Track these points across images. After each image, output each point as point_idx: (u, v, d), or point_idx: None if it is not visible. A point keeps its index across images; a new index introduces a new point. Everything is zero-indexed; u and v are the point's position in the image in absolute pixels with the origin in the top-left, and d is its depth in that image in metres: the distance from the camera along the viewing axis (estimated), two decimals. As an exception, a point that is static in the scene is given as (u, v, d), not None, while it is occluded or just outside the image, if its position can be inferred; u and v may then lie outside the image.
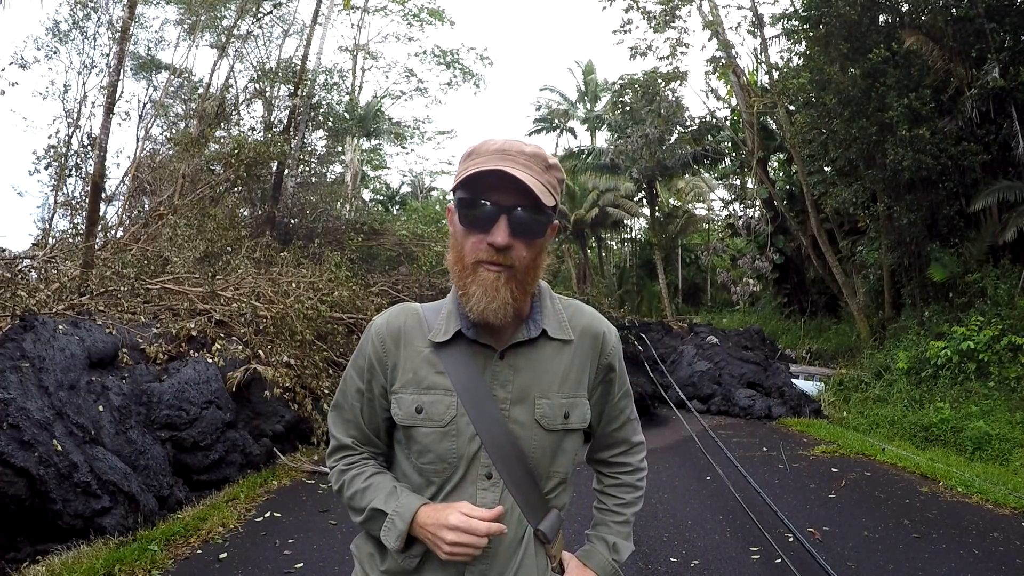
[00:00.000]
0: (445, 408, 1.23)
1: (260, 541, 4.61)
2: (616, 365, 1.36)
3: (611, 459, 1.45)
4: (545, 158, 1.21)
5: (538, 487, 1.26)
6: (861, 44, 12.07)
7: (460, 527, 1.14)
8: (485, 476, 1.22)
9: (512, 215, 1.16)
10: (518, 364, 1.25)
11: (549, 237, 1.26)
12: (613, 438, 1.43)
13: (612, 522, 1.43)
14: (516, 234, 1.17)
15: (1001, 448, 7.66)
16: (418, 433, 1.24)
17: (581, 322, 1.33)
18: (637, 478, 1.46)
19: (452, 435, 1.22)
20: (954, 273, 11.58)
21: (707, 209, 30.02)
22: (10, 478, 4.08)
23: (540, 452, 1.24)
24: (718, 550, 4.43)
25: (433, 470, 1.24)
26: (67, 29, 15.90)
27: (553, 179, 1.22)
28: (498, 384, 1.23)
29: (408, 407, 1.25)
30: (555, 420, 1.25)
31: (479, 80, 22.45)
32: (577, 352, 1.30)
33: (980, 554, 4.29)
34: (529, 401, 1.24)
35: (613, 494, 1.45)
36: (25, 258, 7.85)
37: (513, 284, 1.18)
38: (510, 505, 1.23)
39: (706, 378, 10.89)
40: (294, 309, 7.38)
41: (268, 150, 12.07)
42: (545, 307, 1.30)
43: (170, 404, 5.50)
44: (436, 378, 1.24)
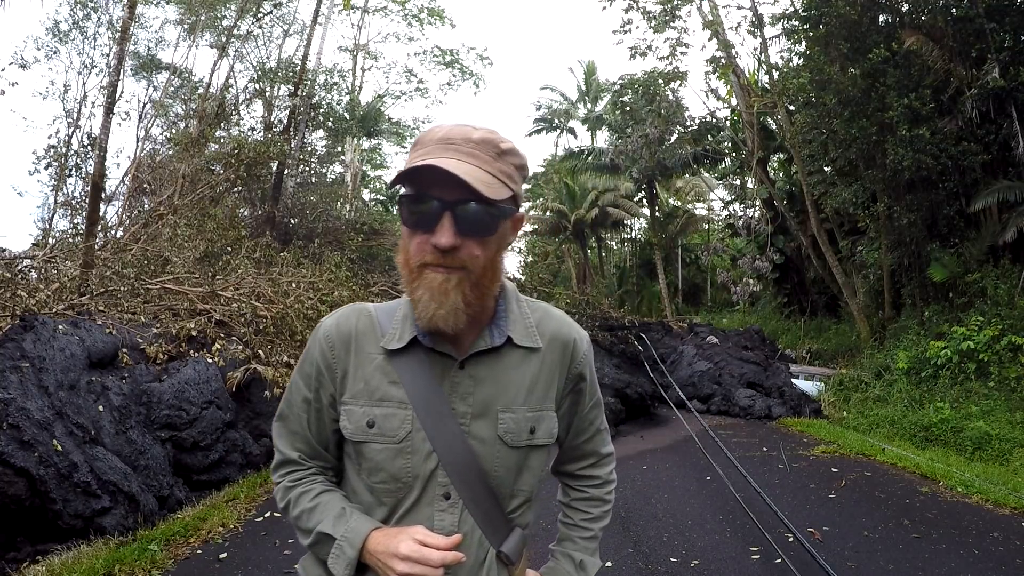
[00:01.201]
0: (399, 423, 1.11)
1: (260, 541, 4.61)
2: (587, 374, 1.25)
3: (579, 472, 1.35)
4: (496, 143, 1.07)
5: (500, 507, 1.15)
6: (861, 44, 12.07)
7: (412, 557, 1.02)
8: (443, 496, 1.11)
9: (457, 211, 1.02)
10: (480, 375, 1.13)
11: (509, 233, 1.13)
12: (582, 450, 1.33)
13: (579, 538, 1.32)
14: (463, 232, 1.03)
15: (1001, 448, 7.66)
16: (369, 449, 1.12)
17: (550, 328, 1.20)
18: (606, 491, 1.35)
19: (407, 452, 1.10)
20: (954, 273, 11.58)
21: (707, 209, 30.06)
22: (10, 478, 4.08)
23: (503, 470, 1.14)
24: (718, 550, 4.43)
25: (386, 489, 1.12)
26: (67, 29, 15.92)
27: (508, 167, 1.08)
28: (457, 397, 1.12)
29: (359, 421, 1.12)
30: (520, 436, 1.14)
31: (479, 80, 22.48)
32: (545, 361, 1.18)
33: (980, 554, 4.29)
34: (492, 415, 1.12)
35: (580, 508, 1.34)
36: (25, 258, 7.85)
37: (466, 287, 1.05)
38: (470, 527, 1.12)
39: (706, 378, 10.89)
40: (294, 309, 7.38)
41: (268, 150, 12.09)
42: (511, 312, 1.17)
43: (170, 404, 5.50)
44: (390, 389, 1.12)
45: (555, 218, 27.19)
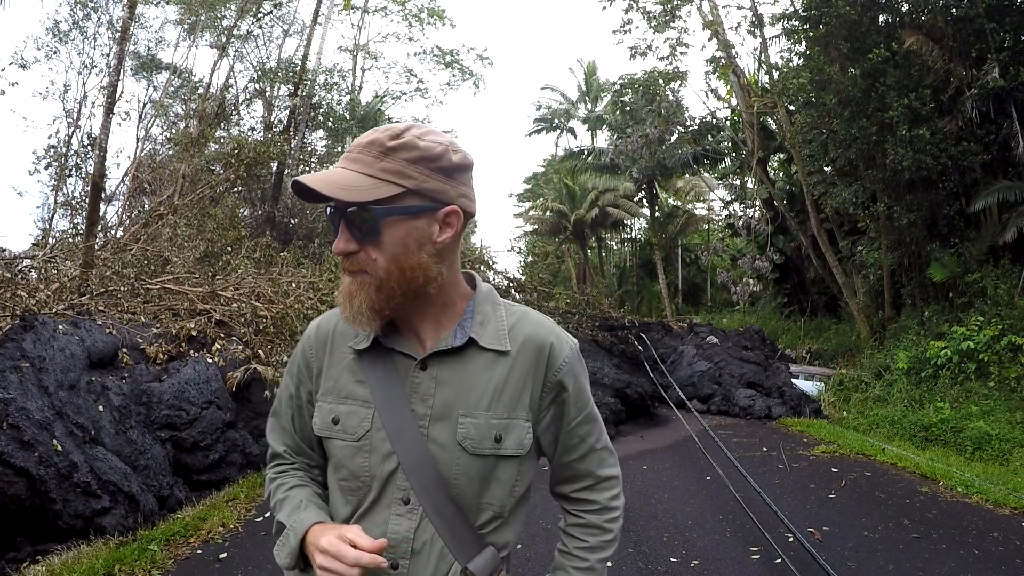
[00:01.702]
0: (359, 420, 1.11)
1: (260, 541, 4.61)
2: (569, 384, 1.16)
3: (573, 494, 1.25)
4: (383, 141, 1.04)
5: (466, 519, 1.10)
6: (861, 44, 12.07)
7: (328, 551, 1.01)
8: (401, 501, 1.09)
9: (347, 217, 1.04)
10: (442, 376, 1.10)
11: (406, 231, 1.06)
12: (573, 470, 1.23)
13: (572, 567, 1.22)
14: (356, 237, 1.04)
15: (1001, 448, 7.66)
16: (333, 446, 1.14)
17: (523, 331, 1.15)
18: (605, 519, 1.23)
19: (365, 451, 1.10)
20: (954, 273, 11.58)
21: (707, 209, 30.06)
22: (10, 478, 4.08)
23: (464, 479, 1.09)
24: (718, 550, 4.43)
25: (348, 487, 1.12)
26: (67, 29, 15.93)
27: (396, 163, 1.04)
28: (418, 398, 1.10)
29: (325, 417, 1.14)
30: (482, 443, 1.09)
31: (479, 80, 22.48)
32: (516, 366, 1.12)
33: (980, 554, 4.29)
34: (451, 419, 1.09)
35: (576, 535, 1.24)
36: (25, 258, 7.86)
37: (371, 291, 1.05)
38: (429, 536, 1.09)
39: (706, 378, 10.88)
40: (294, 309, 7.38)
41: (268, 150, 12.09)
42: (480, 313, 1.14)
43: (170, 404, 5.50)
44: (355, 387, 1.13)
45: (555, 218, 27.21)
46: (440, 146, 1.06)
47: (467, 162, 1.11)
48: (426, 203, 1.06)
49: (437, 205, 1.07)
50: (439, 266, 1.09)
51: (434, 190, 1.06)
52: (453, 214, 1.08)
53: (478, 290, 1.18)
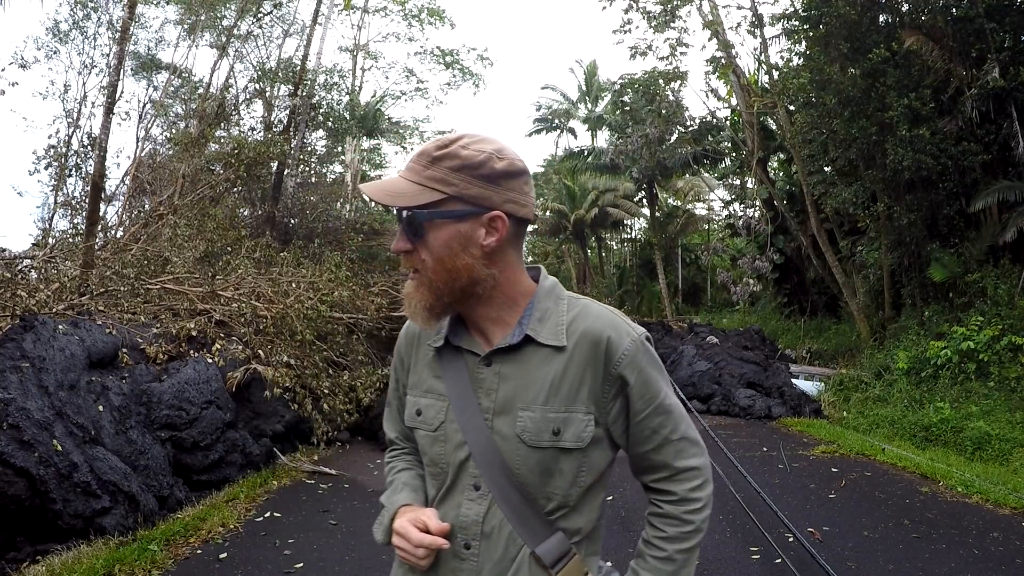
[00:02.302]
0: (435, 413, 1.22)
1: (260, 541, 4.61)
2: (631, 377, 1.16)
3: (652, 484, 1.26)
4: (430, 152, 1.14)
5: (534, 506, 1.15)
6: (861, 44, 12.07)
7: (399, 532, 1.17)
8: (473, 487, 1.18)
9: (402, 219, 1.15)
10: (504, 372, 1.17)
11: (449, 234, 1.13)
12: (649, 461, 1.23)
13: (650, 556, 1.22)
14: (409, 239, 1.15)
15: (1001, 448, 7.66)
16: (417, 435, 1.26)
17: (581, 326, 1.17)
18: (684, 510, 1.21)
19: (440, 440, 1.21)
20: (954, 273, 11.57)
21: (707, 209, 30.05)
22: (10, 478, 4.08)
23: (526, 469, 1.15)
24: (718, 550, 4.43)
25: (431, 472, 1.25)
26: (67, 29, 15.92)
27: (439, 171, 1.12)
28: (483, 392, 1.18)
29: (411, 408, 1.27)
30: (540, 436, 1.14)
31: (479, 80, 22.45)
32: (572, 361, 1.16)
33: (980, 554, 4.29)
34: (512, 413, 1.15)
35: (655, 524, 1.24)
36: (25, 258, 7.85)
37: (424, 289, 1.16)
38: (498, 521, 1.15)
39: (706, 378, 10.88)
40: (294, 309, 7.38)
41: (268, 150, 12.08)
42: (540, 309, 1.19)
43: (170, 404, 5.50)
44: (434, 382, 1.24)
45: (555, 218, 27.20)
46: (483, 154, 1.13)
47: (514, 168, 1.15)
48: (469, 208, 1.13)
49: (480, 210, 1.13)
50: (488, 268, 1.16)
51: (476, 196, 1.12)
52: (498, 219, 1.13)
53: (540, 286, 1.22)
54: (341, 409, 7.40)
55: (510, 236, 1.16)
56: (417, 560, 1.16)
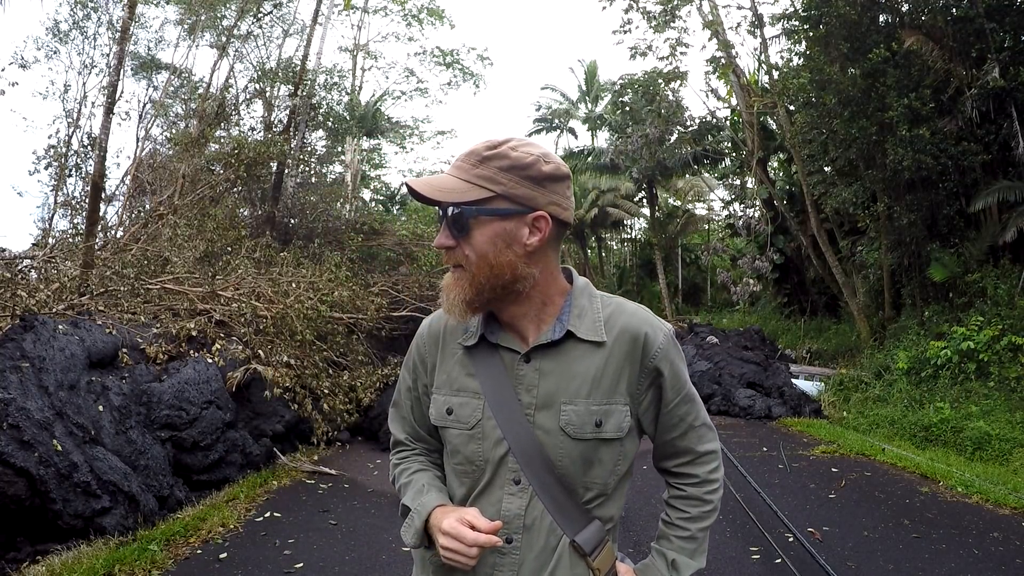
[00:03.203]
0: (471, 411, 1.22)
1: (260, 541, 4.61)
2: (665, 368, 1.24)
3: (675, 469, 1.35)
4: (480, 151, 1.17)
5: (573, 497, 1.20)
6: (861, 44, 12.06)
7: (450, 533, 1.14)
8: (513, 481, 1.19)
9: (447, 215, 1.17)
10: (545, 368, 1.21)
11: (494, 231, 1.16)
12: (674, 447, 1.32)
13: (675, 536, 1.33)
14: (453, 234, 1.17)
15: (1001, 448, 7.66)
16: (448, 434, 1.26)
17: (619, 322, 1.23)
18: (705, 491, 1.33)
19: (478, 438, 1.21)
20: (954, 273, 11.57)
21: (707, 209, 30.05)
22: (10, 478, 4.08)
23: (568, 461, 1.19)
24: (718, 550, 4.43)
25: (463, 471, 1.24)
26: (67, 29, 15.89)
27: (489, 170, 1.16)
28: (523, 388, 1.20)
29: (440, 408, 1.27)
30: (583, 428, 1.18)
31: (479, 80, 22.43)
32: (612, 355, 1.21)
33: (980, 554, 4.29)
34: (555, 407, 1.19)
35: (678, 506, 1.35)
36: (25, 258, 7.85)
37: (465, 283, 1.17)
38: (539, 513, 1.19)
39: (706, 378, 10.88)
40: (294, 309, 7.38)
41: (268, 150, 12.07)
42: (578, 306, 1.24)
43: (170, 404, 5.50)
44: (466, 380, 1.25)
45: (555, 218, 27.14)
46: (532, 156, 1.17)
47: (559, 173, 1.20)
48: (514, 207, 1.16)
49: (526, 210, 1.17)
50: (529, 267, 1.19)
51: (522, 196, 1.16)
52: (542, 219, 1.17)
53: (575, 285, 1.28)
54: (341, 409, 7.41)
55: (551, 237, 1.20)
56: (468, 560, 1.13)
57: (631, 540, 4.59)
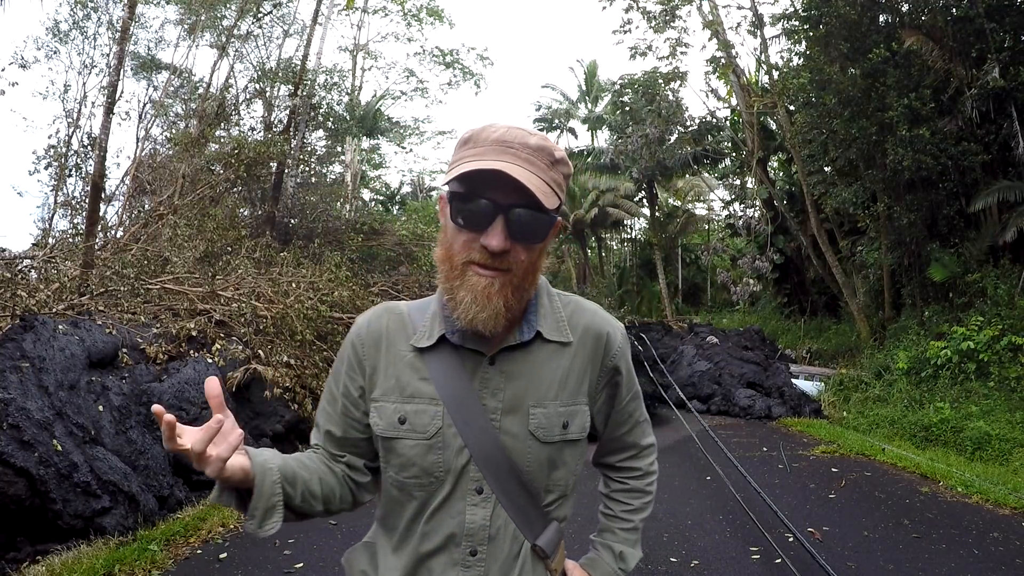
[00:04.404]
0: (430, 418, 1.12)
1: (260, 541, 4.60)
2: (623, 367, 1.24)
3: (619, 463, 1.36)
4: (551, 151, 1.08)
5: (535, 501, 1.16)
6: (861, 44, 12.07)
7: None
8: (475, 491, 1.12)
9: (511, 215, 1.04)
10: (511, 370, 1.13)
11: (551, 239, 1.13)
12: (622, 442, 1.33)
13: (619, 529, 1.34)
14: (514, 237, 1.05)
15: (1001, 448, 7.66)
16: (401, 445, 1.13)
17: (582, 321, 1.20)
18: (647, 483, 1.37)
19: (438, 447, 1.11)
20: (954, 273, 11.57)
21: (707, 209, 30.06)
22: (10, 478, 4.08)
23: (536, 465, 1.14)
24: (718, 550, 4.43)
25: (416, 483, 1.13)
26: (67, 29, 15.89)
27: (559, 175, 1.10)
28: (488, 392, 1.12)
29: (390, 417, 1.14)
30: (552, 431, 1.14)
31: (479, 80, 22.42)
32: (577, 355, 1.18)
33: (980, 554, 4.29)
34: (523, 411, 1.13)
35: (621, 499, 1.35)
36: (25, 258, 7.85)
37: (508, 291, 1.07)
38: (503, 521, 1.13)
39: (706, 378, 10.89)
40: (294, 309, 7.38)
41: (268, 150, 12.07)
42: (542, 306, 1.18)
43: (170, 404, 5.50)
44: (420, 385, 1.14)
45: (555, 218, 27.16)
46: (570, 168, 1.14)
47: None
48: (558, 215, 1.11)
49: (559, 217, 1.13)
50: None
51: (562, 204, 1.12)
52: (559, 226, 1.15)
53: (537, 284, 1.19)
54: (341, 409, 7.39)
55: None
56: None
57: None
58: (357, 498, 1.24)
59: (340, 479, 1.21)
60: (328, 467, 1.20)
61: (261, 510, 1.04)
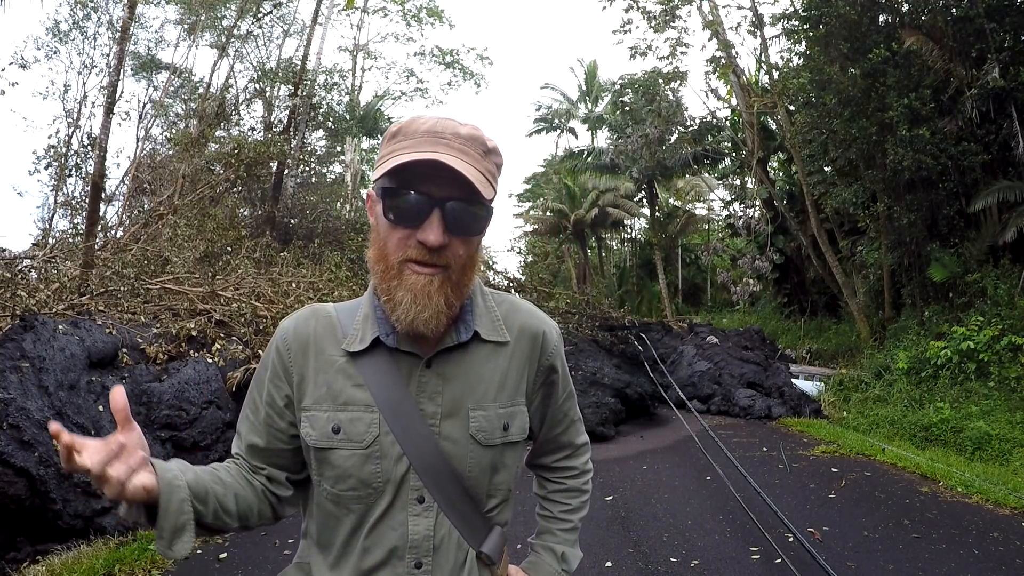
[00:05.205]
0: (366, 427, 1.06)
1: (260, 541, 4.61)
2: (558, 366, 1.21)
3: (555, 464, 1.33)
4: (484, 141, 1.04)
5: (478, 507, 1.12)
6: (861, 44, 12.07)
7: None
8: (416, 500, 1.07)
9: (446, 208, 1.00)
10: (448, 373, 1.09)
11: (485, 232, 1.09)
12: (557, 442, 1.31)
13: (559, 530, 1.32)
14: (451, 230, 1.01)
15: (1001, 448, 7.66)
16: (336, 456, 1.07)
17: (518, 321, 1.17)
18: (583, 482, 1.34)
19: (376, 457, 1.06)
20: (954, 273, 11.58)
21: (707, 209, 30.06)
22: (10, 478, 4.08)
23: (478, 470, 1.10)
24: (718, 550, 4.43)
25: (354, 496, 1.07)
26: (67, 29, 15.92)
27: (492, 166, 1.06)
28: (425, 397, 1.08)
29: (323, 427, 1.07)
30: (493, 434, 1.10)
31: (479, 80, 22.45)
32: (514, 355, 1.14)
33: (980, 554, 4.29)
34: (462, 414, 1.09)
35: (558, 500, 1.33)
36: (25, 258, 7.85)
37: (448, 288, 1.03)
38: (447, 530, 1.09)
39: (706, 378, 10.88)
40: (294, 309, 7.37)
41: (268, 150, 12.09)
42: (477, 305, 1.14)
43: (170, 404, 5.50)
44: (354, 392, 1.07)
45: (555, 218, 27.19)
46: (502, 158, 1.10)
47: None
48: (493, 209, 1.08)
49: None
50: None
51: (495, 196, 1.08)
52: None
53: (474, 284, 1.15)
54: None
55: None
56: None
57: (631, 540, 4.59)
58: (278, 512, 1.17)
59: (259, 494, 1.14)
60: (247, 481, 1.13)
61: (168, 531, 0.96)
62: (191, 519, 0.98)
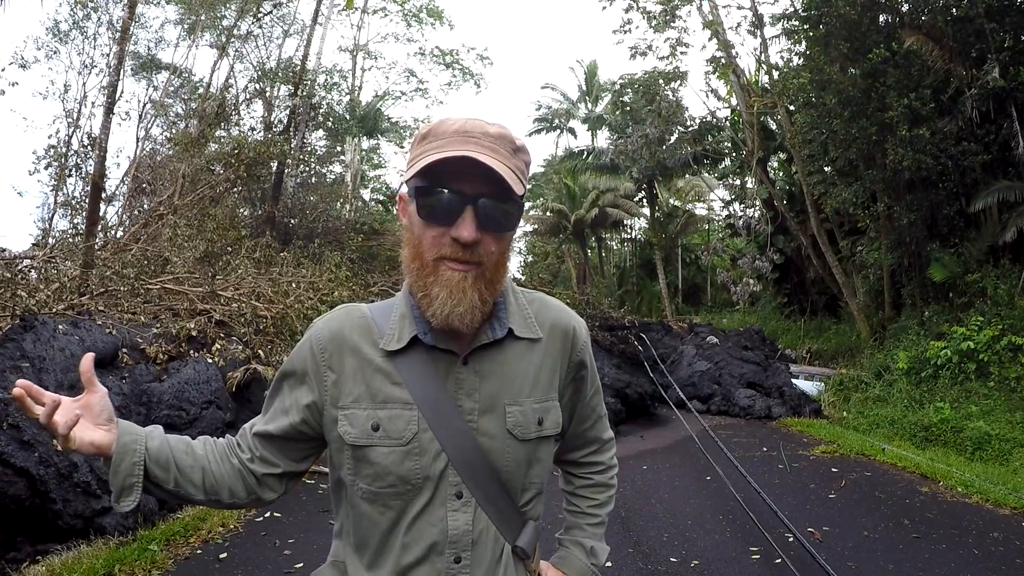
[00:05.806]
0: (405, 424, 1.08)
1: (260, 541, 4.61)
2: (587, 361, 1.25)
3: (582, 459, 1.36)
4: (512, 139, 1.06)
5: (513, 502, 1.15)
6: (861, 44, 12.07)
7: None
8: (455, 496, 1.09)
9: (479, 205, 1.02)
10: (484, 369, 1.12)
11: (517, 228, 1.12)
12: (585, 437, 1.34)
13: (587, 524, 1.34)
14: (484, 227, 1.03)
15: (1001, 448, 7.66)
16: (374, 453, 1.08)
17: (549, 317, 1.20)
18: (609, 476, 1.38)
19: (415, 453, 1.08)
20: (954, 273, 11.58)
21: (707, 209, 30.05)
22: (10, 478, 4.08)
23: (514, 464, 1.12)
24: (718, 550, 4.43)
25: (393, 492, 1.09)
26: (67, 29, 15.91)
27: (521, 163, 1.08)
28: (463, 393, 1.10)
29: (362, 424, 1.09)
30: (529, 428, 1.13)
31: (479, 80, 22.44)
32: (547, 351, 1.18)
33: (980, 554, 4.29)
34: (499, 410, 1.11)
35: (586, 495, 1.36)
36: (25, 258, 7.85)
37: (482, 284, 1.05)
38: (484, 525, 1.11)
39: (706, 378, 10.88)
40: (294, 309, 7.39)
41: (268, 150, 12.09)
42: (509, 303, 1.16)
43: (170, 404, 5.50)
44: (392, 390, 1.10)
45: (555, 218, 27.17)
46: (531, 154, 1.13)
47: None
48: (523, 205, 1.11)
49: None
50: None
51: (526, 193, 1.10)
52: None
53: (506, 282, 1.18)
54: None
55: None
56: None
57: (631, 540, 4.59)
58: (258, 495, 1.19)
59: (236, 472, 1.16)
60: (226, 458, 1.17)
61: (116, 487, 1.06)
62: (139, 482, 1.07)
